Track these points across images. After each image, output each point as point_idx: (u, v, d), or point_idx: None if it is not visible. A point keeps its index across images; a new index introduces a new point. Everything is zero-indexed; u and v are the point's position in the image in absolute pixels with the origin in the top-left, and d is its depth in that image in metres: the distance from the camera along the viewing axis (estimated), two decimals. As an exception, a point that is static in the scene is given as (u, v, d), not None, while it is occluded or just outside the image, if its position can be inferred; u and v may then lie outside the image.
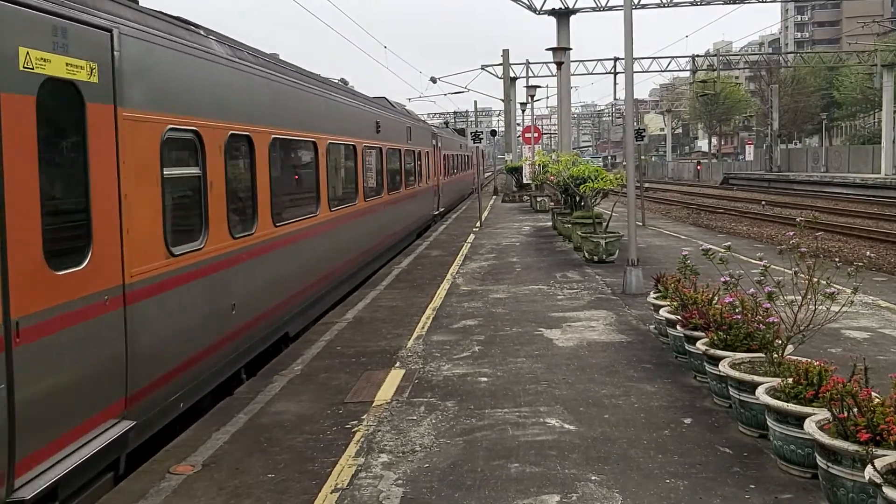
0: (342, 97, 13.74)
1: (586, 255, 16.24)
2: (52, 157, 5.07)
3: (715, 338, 6.84)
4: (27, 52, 4.64)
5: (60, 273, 4.96)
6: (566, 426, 6.42)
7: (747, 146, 78.23)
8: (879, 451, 4.27)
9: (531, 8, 37.84)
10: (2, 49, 4.47)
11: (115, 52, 5.66)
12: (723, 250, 7.22)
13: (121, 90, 5.70)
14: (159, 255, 6.32)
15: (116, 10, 5.84)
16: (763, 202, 36.37)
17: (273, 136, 9.15)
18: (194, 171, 7.17)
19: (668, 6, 40.51)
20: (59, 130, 5.25)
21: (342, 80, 18.20)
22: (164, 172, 6.37)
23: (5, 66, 4.48)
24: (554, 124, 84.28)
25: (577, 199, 19.27)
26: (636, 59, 40.11)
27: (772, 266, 6.72)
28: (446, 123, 55.08)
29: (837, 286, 6.20)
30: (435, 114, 58.44)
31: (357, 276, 14.17)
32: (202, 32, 7.85)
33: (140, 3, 6.74)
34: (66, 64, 5.04)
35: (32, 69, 4.69)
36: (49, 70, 4.84)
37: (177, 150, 6.95)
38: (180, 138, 6.90)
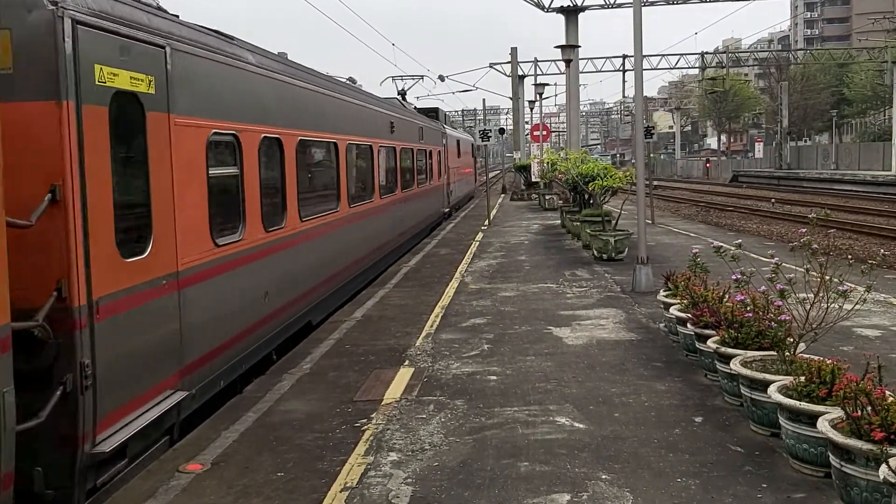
0: None
1: (595, 253, 16.20)
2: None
3: (726, 336, 6.79)
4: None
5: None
6: (576, 425, 6.39)
7: (757, 143, 77.96)
8: (894, 451, 4.22)
9: (540, 6, 37.81)
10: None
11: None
12: (733, 248, 7.18)
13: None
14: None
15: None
16: (773, 200, 36.20)
17: None
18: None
19: (676, 3, 40.42)
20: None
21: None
22: None
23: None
24: (562, 122, 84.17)
25: (586, 196, 19.21)
26: (645, 56, 39.28)
27: (783, 264, 6.67)
28: (402, 94, 30.14)
29: (849, 284, 6.15)
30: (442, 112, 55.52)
31: None
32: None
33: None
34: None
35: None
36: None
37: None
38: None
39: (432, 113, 29.87)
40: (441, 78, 49.56)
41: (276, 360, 8.94)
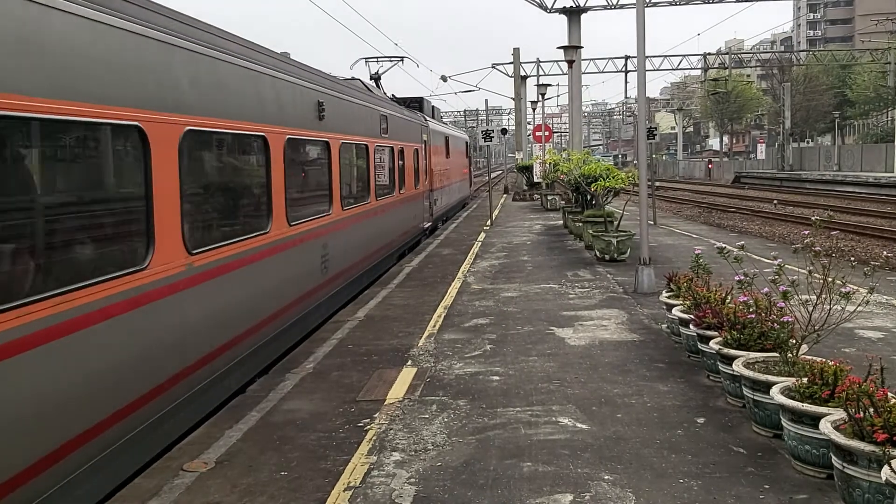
0: None
1: (598, 253, 16.21)
2: None
3: (728, 337, 6.81)
4: None
5: None
6: (579, 425, 6.40)
7: (759, 145, 77.89)
8: (896, 452, 4.24)
9: (542, 6, 37.80)
10: None
11: None
12: (736, 249, 7.19)
13: None
14: None
15: None
16: (775, 201, 36.18)
17: None
18: None
19: (680, 4, 40.40)
20: None
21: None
22: None
23: None
24: (565, 123, 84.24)
25: (589, 197, 19.22)
26: (648, 57, 38.88)
27: (786, 265, 6.68)
28: (376, 78, 23.70)
29: (852, 285, 6.16)
30: (446, 112, 55.45)
31: None
32: None
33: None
34: None
35: None
36: None
37: None
38: None
39: (415, 103, 24.40)
40: (444, 78, 49.53)
41: None
